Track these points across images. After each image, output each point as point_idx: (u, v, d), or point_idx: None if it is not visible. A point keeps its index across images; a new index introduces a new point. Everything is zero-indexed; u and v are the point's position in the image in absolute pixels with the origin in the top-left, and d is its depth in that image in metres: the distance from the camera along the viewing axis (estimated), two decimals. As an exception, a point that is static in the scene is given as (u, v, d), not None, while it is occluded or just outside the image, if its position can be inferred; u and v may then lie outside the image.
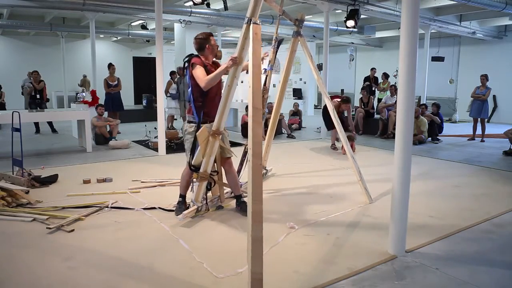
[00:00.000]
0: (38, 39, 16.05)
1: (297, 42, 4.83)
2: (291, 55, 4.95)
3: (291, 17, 4.82)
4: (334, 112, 4.81)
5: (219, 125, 3.84)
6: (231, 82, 3.72)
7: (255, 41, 3.18)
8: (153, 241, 3.38)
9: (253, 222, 2.56)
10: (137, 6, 9.69)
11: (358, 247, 3.29)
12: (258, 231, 2.55)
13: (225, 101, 3.77)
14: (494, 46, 13.48)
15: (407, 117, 3.02)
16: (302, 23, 4.75)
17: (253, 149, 2.78)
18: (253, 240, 2.52)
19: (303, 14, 4.77)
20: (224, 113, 3.82)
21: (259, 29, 3.25)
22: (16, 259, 3.04)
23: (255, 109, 2.93)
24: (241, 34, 3.48)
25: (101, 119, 8.36)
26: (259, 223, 2.57)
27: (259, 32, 3.24)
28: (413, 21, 2.94)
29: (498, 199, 4.71)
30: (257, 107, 2.95)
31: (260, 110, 2.99)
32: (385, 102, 10.11)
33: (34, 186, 4.90)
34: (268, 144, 5.35)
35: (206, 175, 3.90)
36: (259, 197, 2.67)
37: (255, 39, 3.19)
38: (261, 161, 2.83)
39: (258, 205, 2.63)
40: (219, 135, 3.84)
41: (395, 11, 9.85)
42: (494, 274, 2.89)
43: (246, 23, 3.37)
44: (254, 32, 3.21)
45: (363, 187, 4.52)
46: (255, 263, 2.48)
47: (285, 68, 5.06)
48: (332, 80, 11.47)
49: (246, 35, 3.44)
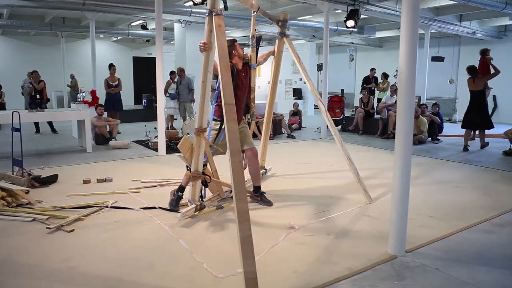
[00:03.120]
0: (38, 39, 16.05)
1: (282, 43, 4.78)
2: (277, 56, 4.90)
3: (272, 16, 4.77)
4: (327, 113, 4.78)
5: (201, 123, 3.87)
6: (205, 77, 3.72)
7: (219, 33, 3.14)
8: (153, 241, 3.38)
9: (239, 222, 2.51)
10: (137, 6, 9.69)
11: (358, 247, 3.28)
12: (246, 230, 2.50)
13: (203, 97, 3.79)
14: (494, 46, 13.42)
15: (407, 117, 3.02)
16: (286, 23, 4.70)
17: (230, 147, 2.73)
18: (242, 240, 2.48)
19: (286, 14, 4.71)
20: (205, 110, 3.86)
21: (221, 20, 3.23)
22: (16, 259, 3.04)
23: (227, 106, 2.88)
24: (205, 25, 3.52)
25: (101, 119, 8.36)
26: (246, 222, 2.52)
27: (222, 24, 3.23)
28: (413, 21, 2.94)
29: (498, 199, 4.70)
30: (229, 103, 2.89)
31: (232, 105, 2.92)
32: (385, 102, 10.11)
33: (34, 186, 4.90)
34: (264, 144, 5.36)
35: (198, 174, 3.92)
36: (243, 196, 2.63)
37: (218, 30, 3.16)
38: (240, 158, 2.78)
39: (243, 204, 2.58)
40: (203, 132, 3.88)
41: (395, 11, 9.85)
42: (494, 274, 2.89)
43: (207, 15, 3.39)
44: (217, 24, 3.18)
45: (363, 187, 4.52)
46: (247, 262, 2.44)
47: (273, 69, 5.03)
48: (332, 80, 11.48)
49: (210, 27, 3.46)
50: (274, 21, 4.75)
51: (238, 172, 2.68)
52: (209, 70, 3.74)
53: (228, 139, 2.77)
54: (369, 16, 11.20)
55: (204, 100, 3.81)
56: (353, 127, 10.40)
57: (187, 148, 3.88)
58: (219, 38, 3.12)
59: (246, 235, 2.49)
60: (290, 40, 4.73)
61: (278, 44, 4.81)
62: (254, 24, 4.78)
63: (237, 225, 2.53)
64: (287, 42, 4.72)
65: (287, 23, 4.73)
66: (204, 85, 3.75)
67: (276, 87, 5.16)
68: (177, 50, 13.19)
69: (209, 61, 3.67)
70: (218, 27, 3.18)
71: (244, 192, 2.68)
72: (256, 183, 4.36)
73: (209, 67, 3.70)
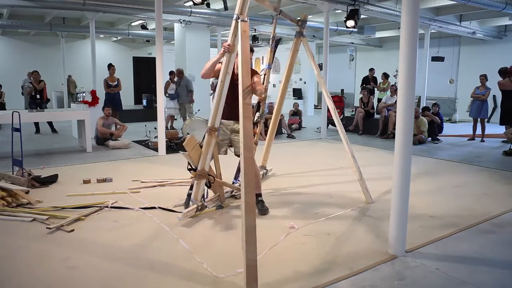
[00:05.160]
0: (38, 39, 16.04)
1: (299, 42, 4.82)
2: (293, 55, 4.92)
3: (292, 17, 4.82)
4: (335, 111, 4.81)
5: (214, 122, 3.88)
6: (224, 77, 3.77)
7: (243, 38, 3.22)
8: (153, 241, 3.38)
9: (246, 212, 2.67)
10: (137, 6, 9.68)
11: (358, 247, 3.28)
12: (251, 220, 2.66)
13: (219, 97, 3.81)
14: (494, 46, 13.48)
15: (407, 117, 3.02)
16: (305, 23, 4.74)
17: (244, 143, 2.90)
18: (246, 229, 2.62)
19: (306, 15, 4.78)
20: (219, 109, 3.87)
21: (247, 26, 3.35)
22: (16, 259, 3.04)
23: (245, 105, 3.05)
24: (231, 29, 3.61)
25: (108, 120, 8.30)
26: (252, 213, 2.69)
27: (247, 29, 3.37)
28: (413, 21, 2.94)
29: (498, 199, 4.71)
30: (247, 103, 3.08)
31: (249, 105, 3.12)
32: (385, 102, 10.11)
33: (34, 186, 4.90)
34: (268, 144, 5.35)
35: (203, 173, 3.92)
36: (251, 189, 2.81)
37: (243, 36, 3.25)
38: (252, 154, 2.99)
39: (250, 195, 2.77)
40: (214, 131, 3.88)
41: (395, 11, 9.85)
42: (494, 274, 2.89)
43: (235, 19, 3.47)
44: (242, 30, 3.28)
45: (364, 187, 4.52)
46: (250, 249, 2.58)
47: (287, 68, 5.05)
48: (332, 80, 11.47)
49: (235, 31, 3.56)
50: (294, 21, 4.78)
51: (249, 165, 2.87)
52: (228, 72, 3.77)
53: (243, 135, 2.93)
54: (369, 16, 11.20)
55: (220, 100, 3.82)
56: (353, 127, 10.40)
57: (192, 146, 3.87)
58: (243, 43, 3.21)
59: (250, 224, 2.64)
60: (306, 39, 4.78)
61: (295, 43, 4.84)
62: (275, 26, 4.83)
63: (242, 215, 2.68)
64: (303, 42, 4.76)
65: (306, 23, 4.77)
66: (222, 85, 3.78)
67: (287, 86, 5.17)
68: (177, 50, 13.20)
69: (228, 69, 3.76)
70: (244, 32, 3.30)
71: (253, 185, 2.85)
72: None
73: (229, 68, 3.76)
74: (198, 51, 12.54)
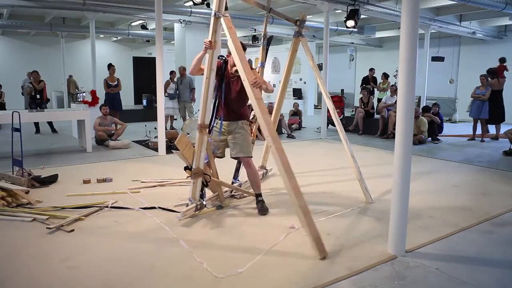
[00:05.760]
0: (38, 39, 16.05)
1: (298, 42, 4.81)
2: (292, 55, 4.91)
3: (286, 16, 4.78)
4: (335, 112, 4.81)
5: (203, 119, 3.88)
6: (209, 74, 3.79)
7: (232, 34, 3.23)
8: (153, 241, 3.38)
9: (296, 196, 2.92)
10: (137, 6, 9.69)
11: (358, 247, 3.28)
12: (303, 202, 2.97)
13: (206, 94, 3.81)
14: (494, 46, 13.47)
15: (407, 117, 3.02)
16: (304, 23, 4.73)
17: (270, 135, 3.11)
18: (304, 212, 2.94)
19: (304, 15, 4.74)
20: (207, 106, 3.87)
21: (230, 21, 3.43)
22: (16, 259, 3.04)
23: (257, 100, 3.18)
24: (211, 26, 3.69)
25: (106, 120, 8.30)
26: (301, 196, 2.98)
27: (231, 24, 3.44)
28: (413, 21, 2.94)
29: (498, 199, 4.70)
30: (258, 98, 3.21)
31: (261, 100, 3.24)
32: (385, 102, 10.11)
33: (34, 186, 4.90)
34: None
35: (199, 171, 3.91)
36: (290, 173, 3.02)
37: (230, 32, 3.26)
38: (280, 144, 3.19)
39: (293, 179, 2.98)
40: (205, 128, 3.88)
41: (395, 11, 9.85)
42: (494, 274, 2.89)
43: (213, 16, 3.55)
44: (228, 26, 3.31)
45: (363, 187, 4.52)
46: (312, 228, 3.00)
47: (286, 68, 5.04)
48: (332, 80, 11.48)
49: (215, 28, 3.66)
50: (291, 21, 4.75)
51: (281, 155, 3.07)
52: (213, 68, 3.79)
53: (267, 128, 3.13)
54: (369, 16, 11.21)
55: (207, 96, 3.82)
56: (353, 127, 10.40)
57: (184, 145, 3.86)
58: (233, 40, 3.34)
59: (304, 206, 2.93)
60: (305, 39, 4.76)
61: (294, 43, 4.83)
62: (266, 24, 4.82)
63: (293, 199, 2.96)
64: (302, 42, 4.74)
65: (305, 23, 4.75)
66: (208, 82, 3.79)
67: (286, 86, 5.17)
68: (177, 50, 13.20)
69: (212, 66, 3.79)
70: (229, 28, 3.39)
71: (291, 170, 3.03)
72: (255, 190, 4.21)
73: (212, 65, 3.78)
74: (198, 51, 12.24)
